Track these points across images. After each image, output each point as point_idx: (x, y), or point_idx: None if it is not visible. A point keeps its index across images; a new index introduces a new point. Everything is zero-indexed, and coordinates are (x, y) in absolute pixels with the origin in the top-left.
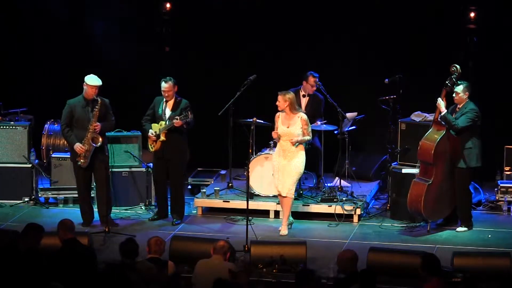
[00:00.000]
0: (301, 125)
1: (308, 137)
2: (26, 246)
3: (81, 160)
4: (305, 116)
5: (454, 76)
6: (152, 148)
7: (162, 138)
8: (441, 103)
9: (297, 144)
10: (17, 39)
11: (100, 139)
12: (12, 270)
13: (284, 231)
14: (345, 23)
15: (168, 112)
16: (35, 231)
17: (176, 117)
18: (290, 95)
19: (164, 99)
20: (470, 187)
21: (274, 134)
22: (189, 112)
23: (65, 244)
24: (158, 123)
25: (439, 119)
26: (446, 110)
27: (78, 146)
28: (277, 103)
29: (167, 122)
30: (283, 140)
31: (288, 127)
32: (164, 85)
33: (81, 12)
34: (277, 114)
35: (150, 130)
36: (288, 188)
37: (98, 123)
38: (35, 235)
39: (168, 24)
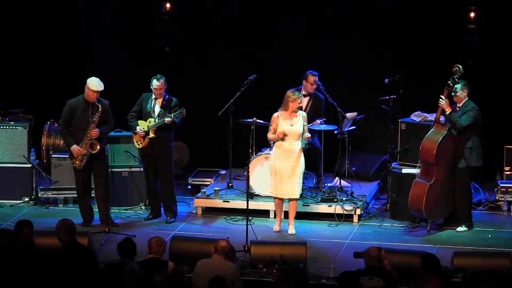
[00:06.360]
0: (303, 123)
1: (309, 134)
2: (24, 245)
3: (77, 162)
4: (305, 114)
5: (457, 76)
6: (139, 145)
7: (151, 135)
8: (445, 102)
9: (305, 142)
10: (17, 39)
11: (98, 146)
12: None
13: (292, 230)
14: (345, 23)
15: (157, 110)
16: (28, 227)
17: (168, 114)
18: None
19: (153, 96)
20: (470, 187)
21: (280, 134)
22: (183, 110)
23: (66, 247)
24: (145, 120)
25: (445, 116)
26: (451, 109)
27: (75, 149)
28: (300, 104)
29: (156, 120)
30: (287, 139)
31: (291, 126)
32: (156, 83)
33: (81, 12)
34: (276, 114)
35: (138, 127)
36: (300, 189)
37: (96, 129)
38: (29, 231)
39: (168, 24)
